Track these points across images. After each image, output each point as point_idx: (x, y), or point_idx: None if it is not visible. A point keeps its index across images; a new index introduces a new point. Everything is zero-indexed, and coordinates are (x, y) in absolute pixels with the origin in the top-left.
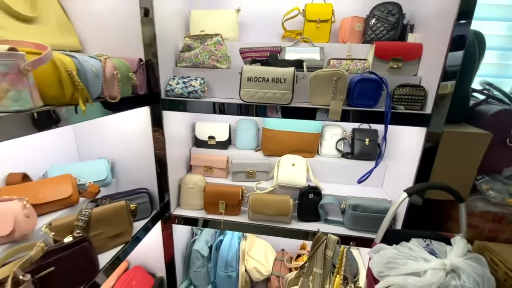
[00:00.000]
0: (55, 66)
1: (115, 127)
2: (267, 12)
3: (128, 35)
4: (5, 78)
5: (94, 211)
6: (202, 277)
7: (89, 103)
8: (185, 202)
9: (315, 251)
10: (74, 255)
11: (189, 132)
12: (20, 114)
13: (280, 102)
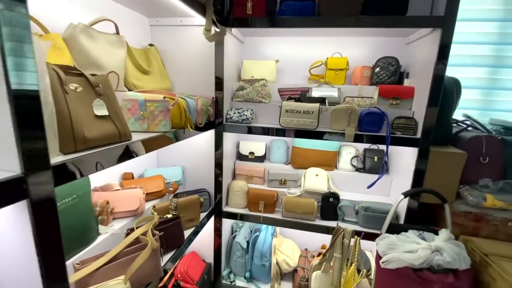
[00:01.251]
0: (178, 105)
1: (187, 143)
2: (298, 61)
3: (205, 80)
4: (161, 113)
5: (180, 201)
6: (241, 266)
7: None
8: (232, 202)
9: (335, 240)
10: (173, 226)
11: (234, 148)
12: (164, 134)
13: (309, 127)
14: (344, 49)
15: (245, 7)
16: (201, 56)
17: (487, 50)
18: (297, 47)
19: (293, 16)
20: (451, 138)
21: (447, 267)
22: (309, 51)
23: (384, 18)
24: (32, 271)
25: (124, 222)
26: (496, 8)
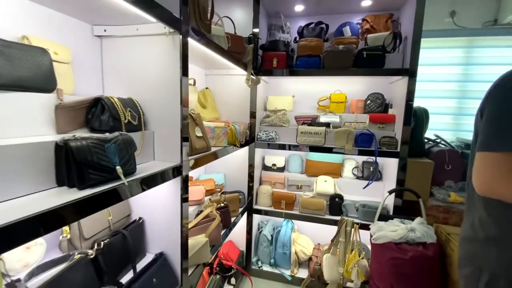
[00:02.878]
0: (231, 129)
1: (228, 157)
2: (308, 95)
3: (243, 111)
4: (223, 135)
5: (226, 196)
6: (266, 255)
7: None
8: (260, 202)
9: (339, 228)
10: (225, 212)
11: (260, 161)
12: (225, 148)
13: (318, 144)
14: (343, 86)
15: (271, 63)
16: (240, 94)
17: (455, 86)
18: (308, 85)
19: (305, 68)
20: (424, 152)
21: (418, 241)
22: (317, 88)
23: (368, 70)
24: (176, 215)
25: (193, 208)
26: (460, 55)
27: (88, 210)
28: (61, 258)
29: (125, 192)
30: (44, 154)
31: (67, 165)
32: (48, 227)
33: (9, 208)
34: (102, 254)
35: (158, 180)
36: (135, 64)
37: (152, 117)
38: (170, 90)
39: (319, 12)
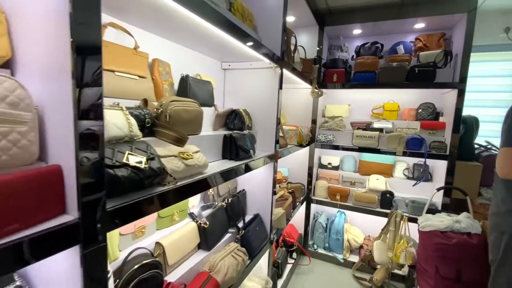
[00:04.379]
0: (299, 132)
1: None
2: (363, 104)
3: (306, 117)
4: (294, 136)
5: (293, 185)
6: (321, 240)
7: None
8: (317, 193)
9: (390, 218)
10: (293, 196)
11: (317, 160)
12: (295, 146)
13: (372, 146)
14: (396, 96)
15: (332, 78)
16: (304, 104)
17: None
18: (362, 95)
19: (361, 82)
20: (474, 156)
21: (463, 231)
22: (371, 98)
23: (419, 83)
24: (269, 189)
25: None
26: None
27: (240, 172)
28: (209, 205)
29: (253, 166)
30: (217, 140)
31: (230, 147)
32: (226, 178)
33: (211, 166)
34: (229, 206)
35: (266, 161)
36: (247, 87)
37: (256, 121)
38: (270, 104)
39: (374, 33)
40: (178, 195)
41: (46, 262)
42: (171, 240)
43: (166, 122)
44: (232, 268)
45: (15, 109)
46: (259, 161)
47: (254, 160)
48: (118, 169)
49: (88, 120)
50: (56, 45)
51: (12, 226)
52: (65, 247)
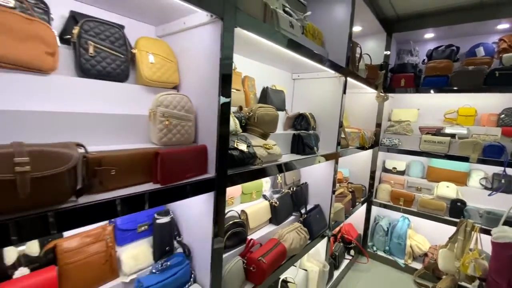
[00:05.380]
0: (362, 134)
1: (353, 156)
2: (434, 109)
3: (371, 121)
4: (356, 138)
5: (353, 185)
6: (381, 243)
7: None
8: (379, 196)
9: (459, 227)
10: (353, 194)
11: (381, 163)
12: (356, 148)
13: (441, 152)
14: (472, 101)
15: (399, 82)
16: (368, 107)
17: None
18: (433, 99)
19: (432, 87)
20: None
21: None
22: (443, 102)
23: (499, 87)
24: (330, 183)
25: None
26: None
27: (305, 164)
28: (277, 190)
29: (316, 160)
30: (287, 138)
31: (297, 144)
32: (294, 167)
33: (283, 157)
34: (294, 194)
35: (328, 158)
36: (313, 93)
37: (320, 123)
38: (334, 108)
39: (449, 36)
40: (263, 172)
41: (193, 200)
42: (252, 210)
43: (254, 122)
44: (296, 241)
45: (187, 112)
46: (321, 157)
47: (317, 156)
48: (233, 151)
49: (223, 119)
50: (209, 74)
51: (189, 174)
52: (207, 191)
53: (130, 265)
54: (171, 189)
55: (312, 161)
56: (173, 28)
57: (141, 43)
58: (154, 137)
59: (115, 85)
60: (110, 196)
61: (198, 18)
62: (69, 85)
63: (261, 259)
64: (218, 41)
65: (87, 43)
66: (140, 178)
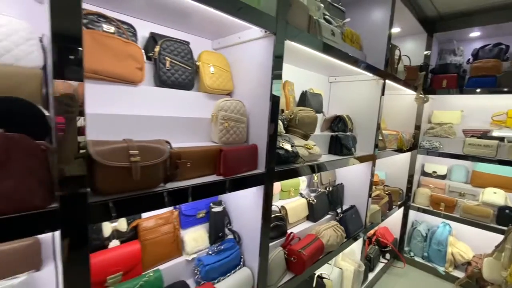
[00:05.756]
0: (400, 137)
1: (392, 159)
2: (479, 111)
3: (409, 123)
4: (394, 140)
5: (390, 188)
6: (419, 248)
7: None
8: (417, 201)
9: (507, 236)
10: (390, 197)
11: (419, 167)
12: (394, 150)
13: (488, 156)
14: None
15: (441, 84)
16: (407, 109)
17: None
18: (478, 101)
19: (477, 88)
20: None
21: None
22: (490, 104)
23: None
24: (366, 185)
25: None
26: None
27: (342, 164)
28: (313, 190)
29: (353, 161)
30: (325, 139)
31: (335, 145)
32: (333, 166)
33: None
34: (330, 193)
35: (364, 159)
36: (350, 96)
37: (357, 125)
38: (371, 110)
39: (497, 34)
40: (305, 170)
41: (242, 193)
42: (291, 206)
43: (295, 124)
44: (333, 238)
45: (242, 116)
46: (358, 159)
47: (354, 157)
48: (279, 150)
49: (273, 122)
50: (260, 82)
51: (244, 168)
52: (258, 184)
53: (191, 246)
54: (230, 180)
55: (349, 162)
56: (228, 42)
57: (204, 56)
58: (215, 136)
59: (184, 93)
60: (187, 184)
61: (252, 33)
62: (151, 93)
63: (302, 251)
64: (271, 53)
65: (165, 58)
66: (206, 170)
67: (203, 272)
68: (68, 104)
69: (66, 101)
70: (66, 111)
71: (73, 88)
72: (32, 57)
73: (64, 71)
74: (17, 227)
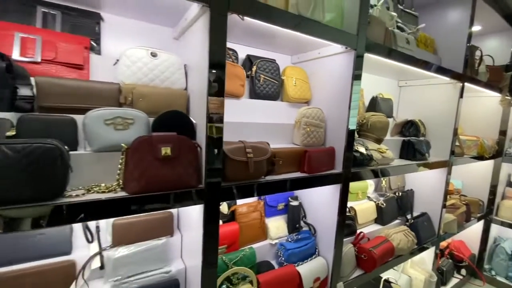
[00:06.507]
0: (481, 143)
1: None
2: None
3: (490, 127)
4: (473, 146)
5: (468, 198)
6: (503, 267)
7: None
8: (501, 215)
9: None
10: (468, 207)
11: (505, 176)
12: (473, 157)
13: None
14: None
15: None
16: (488, 114)
17: None
18: None
19: None
20: None
21: None
22: None
23: None
24: (441, 192)
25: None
26: None
27: (414, 169)
28: (381, 194)
29: (427, 167)
30: (396, 144)
31: (407, 150)
32: (404, 171)
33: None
34: (399, 199)
35: (438, 166)
36: (422, 100)
37: (430, 130)
38: (447, 114)
39: None
40: (378, 173)
41: (317, 190)
42: (360, 208)
43: (367, 128)
44: (404, 242)
45: (321, 121)
46: (432, 164)
47: (428, 163)
48: (355, 152)
49: (351, 127)
50: (339, 92)
51: (323, 168)
52: (336, 183)
53: (274, 232)
54: (313, 178)
55: (423, 167)
56: (307, 57)
57: (287, 71)
58: (297, 139)
59: (272, 103)
60: (281, 177)
61: (332, 49)
62: (249, 105)
63: (372, 250)
64: (350, 66)
65: (260, 76)
66: (292, 168)
67: (285, 255)
68: (218, 113)
69: (217, 111)
70: (218, 120)
71: (220, 101)
72: (181, 81)
73: (215, 90)
74: (182, 198)
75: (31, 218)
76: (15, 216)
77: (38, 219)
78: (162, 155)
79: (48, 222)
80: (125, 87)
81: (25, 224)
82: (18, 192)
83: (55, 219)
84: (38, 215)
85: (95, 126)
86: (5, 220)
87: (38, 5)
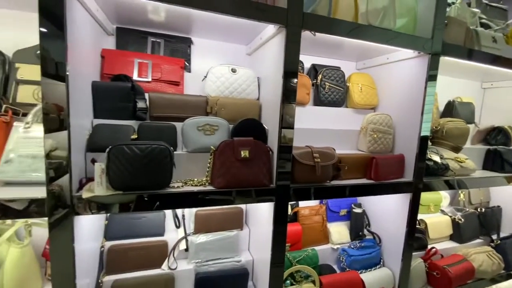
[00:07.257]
0: None
1: None
2: None
3: None
4: None
5: None
6: None
7: None
8: None
9: None
10: None
11: None
12: None
13: None
14: None
15: None
16: None
17: None
18: None
19: None
20: None
21: None
22: None
23: None
24: None
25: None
26: None
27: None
28: (459, 208)
29: None
30: (479, 153)
31: (494, 160)
32: (489, 184)
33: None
34: (482, 215)
35: None
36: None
37: None
38: None
39: None
40: (454, 184)
41: (381, 198)
42: (432, 221)
43: (442, 135)
44: (487, 264)
45: (389, 128)
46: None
47: None
48: (428, 161)
49: (423, 133)
50: (411, 98)
51: (391, 176)
52: (404, 192)
53: (336, 237)
54: (379, 185)
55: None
56: (374, 63)
57: (353, 77)
58: (363, 146)
59: (337, 110)
60: (346, 183)
61: (403, 54)
62: (314, 111)
63: (447, 268)
64: (424, 71)
65: (325, 84)
66: (358, 174)
67: (348, 261)
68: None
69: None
70: (289, 126)
71: (292, 109)
72: (255, 92)
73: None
74: (258, 194)
75: (146, 202)
76: (130, 200)
77: (153, 203)
78: (242, 157)
79: (159, 205)
80: (211, 99)
81: (141, 206)
82: (138, 181)
83: (164, 204)
84: (151, 200)
85: (190, 131)
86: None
87: (149, 35)
